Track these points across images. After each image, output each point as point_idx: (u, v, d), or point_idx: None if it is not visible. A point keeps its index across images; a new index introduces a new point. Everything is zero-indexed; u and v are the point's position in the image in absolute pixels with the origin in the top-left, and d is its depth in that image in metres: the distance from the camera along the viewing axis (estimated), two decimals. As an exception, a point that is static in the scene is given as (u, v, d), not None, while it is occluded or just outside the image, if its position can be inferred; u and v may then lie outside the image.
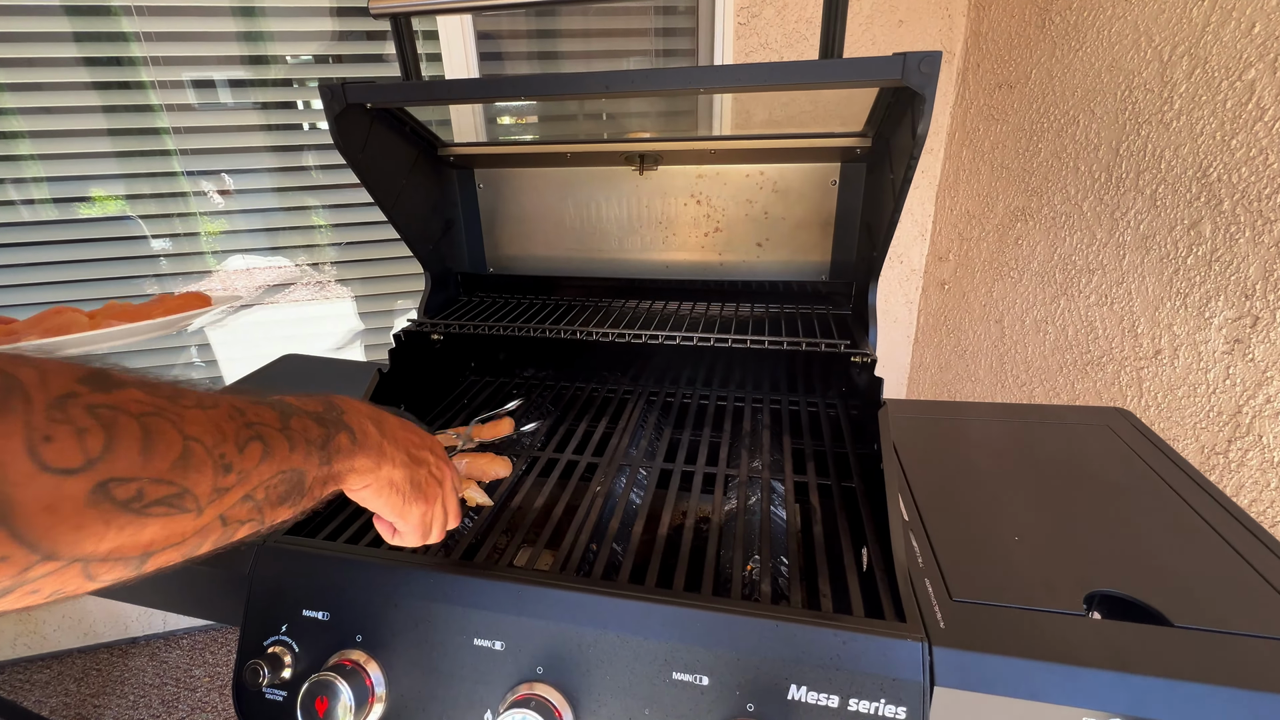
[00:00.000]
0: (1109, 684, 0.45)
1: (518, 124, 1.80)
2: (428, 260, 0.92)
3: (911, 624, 0.50)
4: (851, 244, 0.88)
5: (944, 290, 1.78)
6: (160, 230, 1.67)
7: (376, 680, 0.57)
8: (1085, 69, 1.23)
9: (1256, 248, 0.93)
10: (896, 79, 0.55)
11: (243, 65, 1.55)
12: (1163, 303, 1.10)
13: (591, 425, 0.89)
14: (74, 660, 1.85)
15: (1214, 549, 0.58)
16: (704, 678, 0.51)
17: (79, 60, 1.47)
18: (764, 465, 0.77)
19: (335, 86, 0.68)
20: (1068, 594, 0.53)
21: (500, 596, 0.56)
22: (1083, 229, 1.27)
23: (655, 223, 0.94)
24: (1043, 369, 1.41)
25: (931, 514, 0.64)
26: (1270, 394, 0.92)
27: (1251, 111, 0.93)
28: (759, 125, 1.52)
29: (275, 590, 0.61)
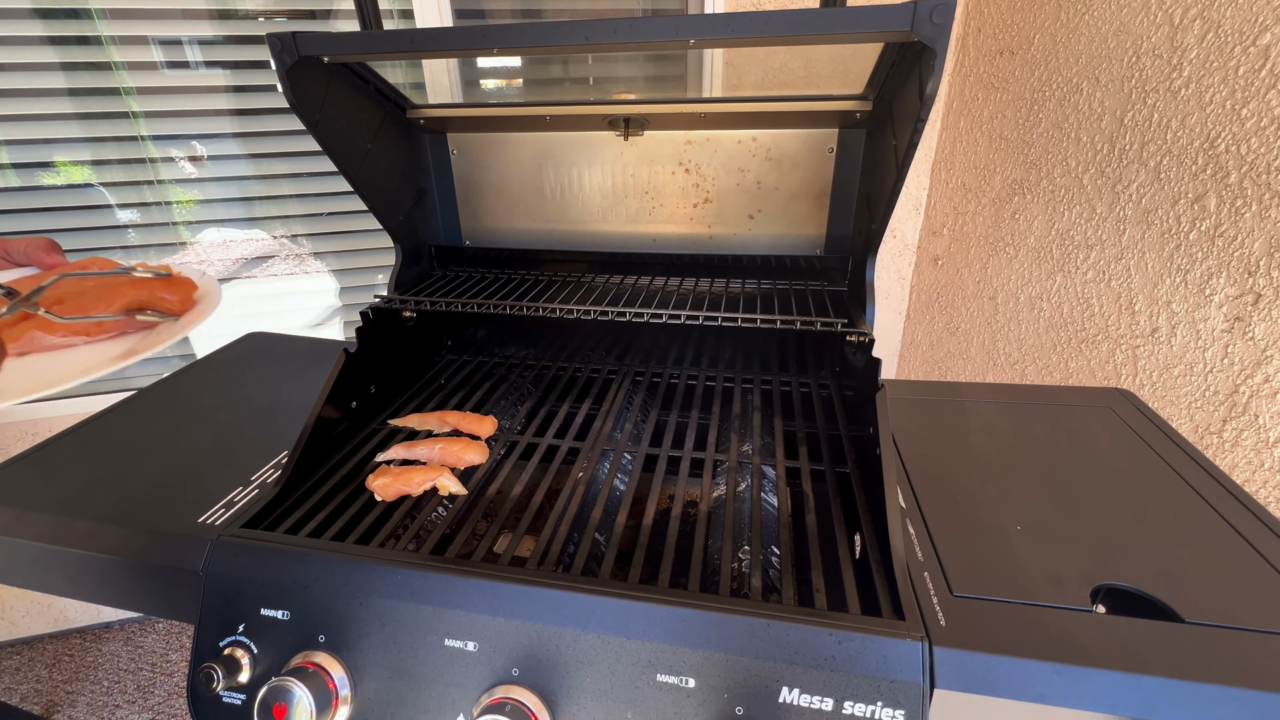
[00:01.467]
0: (1120, 686, 0.42)
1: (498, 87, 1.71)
2: (398, 232, 0.86)
3: (910, 622, 0.47)
4: (849, 216, 0.84)
5: (937, 266, 1.75)
6: (128, 199, 1.58)
7: (340, 683, 0.53)
8: (1091, 33, 1.18)
9: (1263, 223, 0.90)
10: (905, 30, 0.50)
11: (210, 21, 1.44)
12: (1162, 279, 1.07)
13: (574, 407, 0.85)
14: (45, 646, 1.80)
15: (1224, 538, 0.55)
16: (690, 680, 0.48)
17: (31, 12, 1.36)
18: (754, 449, 0.73)
19: (285, 37, 0.61)
20: (1074, 588, 0.50)
21: (473, 594, 0.52)
22: (1082, 203, 1.23)
23: (641, 192, 0.89)
24: (1036, 347, 1.38)
25: (929, 502, 0.61)
26: (1269, 373, 0.90)
27: (1265, 79, 0.89)
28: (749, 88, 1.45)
29: (232, 588, 0.57)
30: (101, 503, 0.66)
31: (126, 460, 0.74)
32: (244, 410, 0.85)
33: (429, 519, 0.65)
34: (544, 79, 1.70)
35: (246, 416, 0.83)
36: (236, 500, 0.65)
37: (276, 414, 0.83)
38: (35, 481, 0.70)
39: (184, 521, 0.62)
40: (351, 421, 0.79)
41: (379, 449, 0.75)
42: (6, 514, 0.65)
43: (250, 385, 0.92)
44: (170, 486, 0.69)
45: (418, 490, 0.67)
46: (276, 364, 0.98)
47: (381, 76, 0.76)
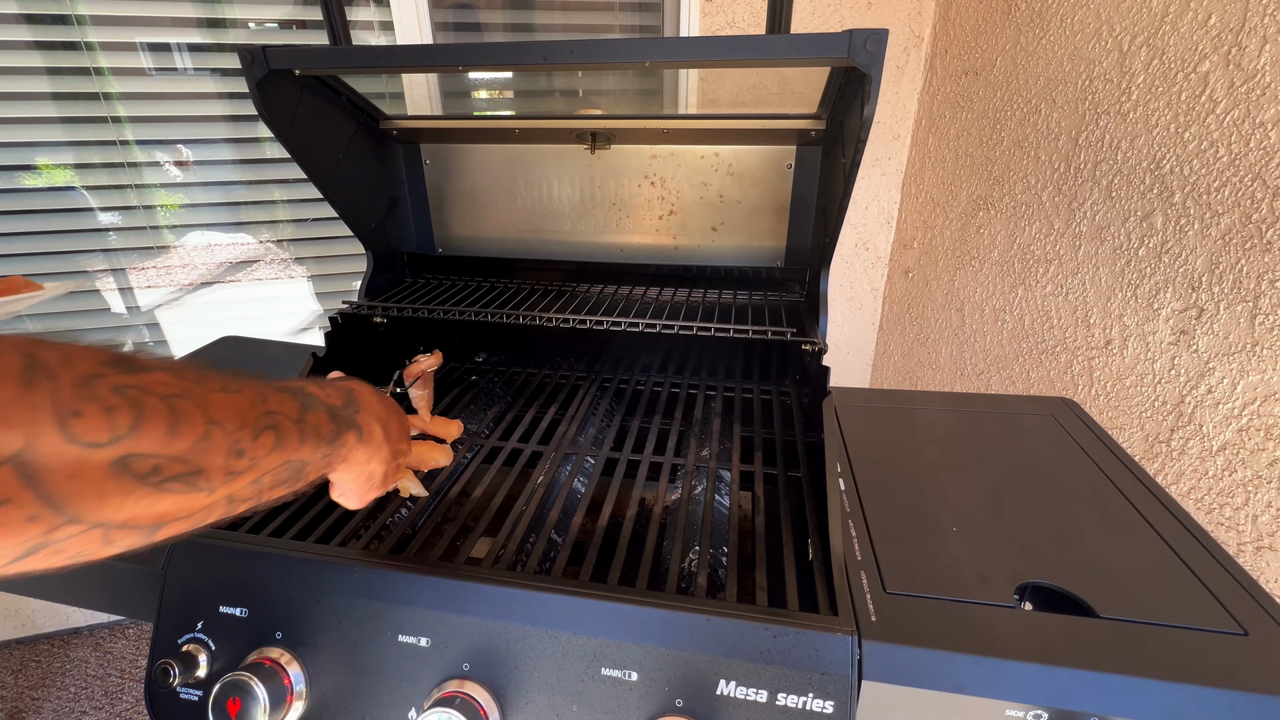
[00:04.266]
0: (1032, 676, 0.45)
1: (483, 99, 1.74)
2: (369, 239, 0.88)
3: (843, 617, 0.49)
4: (807, 230, 0.87)
5: (908, 278, 1.79)
6: (112, 203, 1.58)
7: (295, 679, 0.54)
8: (1048, 57, 1.23)
9: (1204, 240, 0.94)
10: (843, 57, 0.53)
11: (198, 29, 1.46)
12: (1115, 293, 1.11)
13: (541, 412, 0.87)
14: (11, 651, 1.78)
15: (1145, 541, 0.58)
16: (633, 673, 0.50)
17: (19, 16, 1.37)
18: (712, 454, 0.76)
19: (255, 50, 0.63)
20: (1000, 586, 0.53)
21: (426, 591, 0.54)
22: (1042, 219, 1.27)
23: (609, 204, 0.91)
24: (1000, 357, 1.42)
25: (873, 505, 0.64)
26: (1211, 384, 0.94)
27: (1204, 104, 0.93)
28: (725, 104, 1.49)
29: (191, 586, 0.58)
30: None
31: (93, 461, 0.74)
32: (213, 413, 0.86)
33: (390, 520, 0.67)
34: (530, 90, 1.73)
35: (216, 419, 0.84)
36: (200, 500, 0.67)
37: (246, 417, 0.84)
38: None
39: (146, 521, 0.63)
40: (319, 424, 0.81)
41: (345, 451, 0.77)
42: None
43: (221, 388, 0.92)
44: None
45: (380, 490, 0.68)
46: (248, 367, 0.98)
47: (353, 89, 0.78)
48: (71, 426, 0.28)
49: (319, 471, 0.45)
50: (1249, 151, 0.87)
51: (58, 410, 0.28)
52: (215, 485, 0.35)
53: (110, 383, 0.30)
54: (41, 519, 0.28)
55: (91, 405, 0.29)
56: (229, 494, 0.37)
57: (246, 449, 0.36)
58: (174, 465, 0.32)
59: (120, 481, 0.30)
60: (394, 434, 0.55)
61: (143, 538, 0.33)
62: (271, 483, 0.40)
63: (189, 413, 0.33)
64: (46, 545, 0.29)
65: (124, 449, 0.30)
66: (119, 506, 0.30)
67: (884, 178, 1.76)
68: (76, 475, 0.28)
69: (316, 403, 0.44)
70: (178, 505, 0.34)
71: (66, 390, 0.28)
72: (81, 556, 0.31)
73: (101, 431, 0.29)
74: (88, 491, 0.29)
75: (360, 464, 0.51)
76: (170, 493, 0.33)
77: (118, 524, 0.31)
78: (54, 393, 0.28)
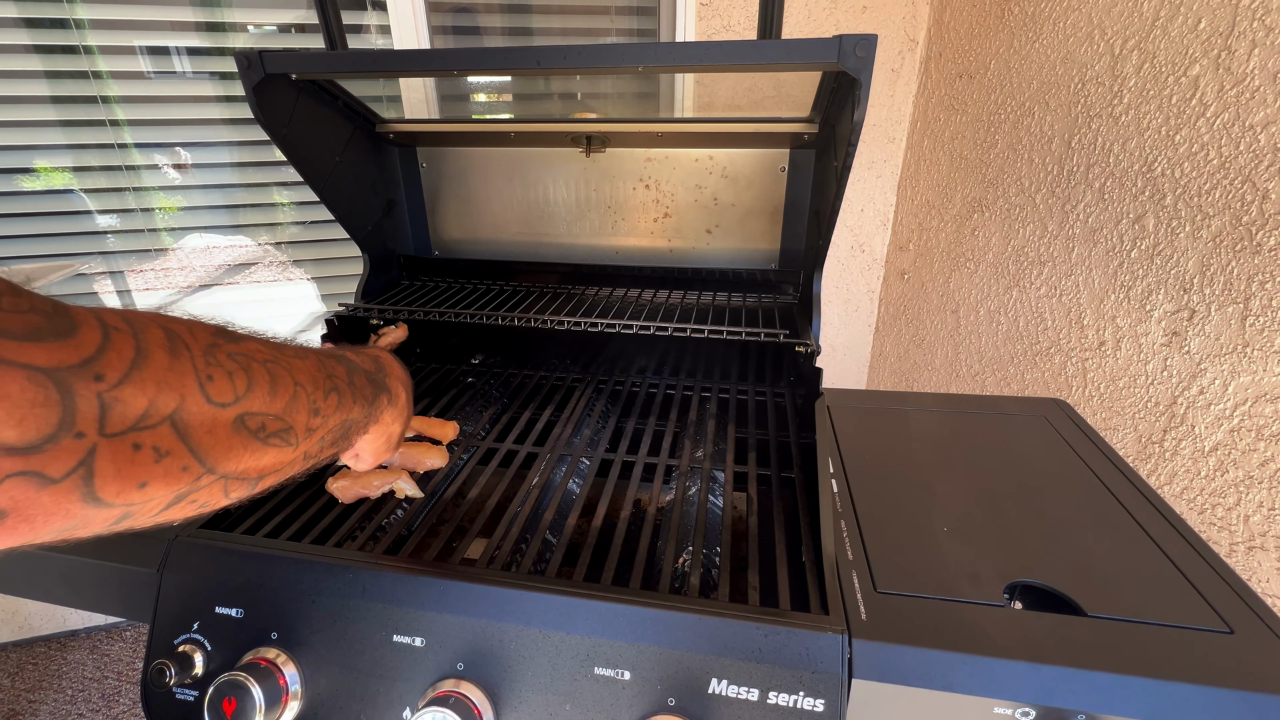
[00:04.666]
0: (1019, 674, 0.45)
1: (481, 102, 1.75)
2: (366, 242, 0.89)
3: (834, 617, 0.49)
4: (801, 232, 0.87)
5: (904, 280, 1.80)
6: (110, 205, 1.59)
7: (291, 679, 0.54)
8: (1041, 61, 1.24)
9: (1195, 242, 0.95)
10: (833, 62, 0.54)
11: (197, 32, 1.46)
12: (1108, 295, 1.12)
13: (537, 413, 0.87)
14: (8, 654, 1.78)
15: (1134, 540, 0.59)
16: (626, 672, 0.50)
17: (18, 21, 1.38)
18: (706, 455, 0.76)
19: (252, 55, 0.64)
20: (989, 585, 0.54)
21: (421, 592, 0.54)
22: (1035, 221, 1.28)
23: (604, 207, 0.92)
24: (995, 359, 1.43)
25: (865, 505, 0.64)
26: (1203, 385, 0.95)
27: (1195, 107, 0.94)
28: (721, 107, 1.50)
29: (187, 586, 0.58)
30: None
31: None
32: (210, 415, 0.86)
33: (386, 521, 0.67)
34: (528, 93, 1.74)
35: (212, 421, 0.85)
36: (197, 502, 0.67)
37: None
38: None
39: (143, 522, 0.63)
40: (316, 426, 0.81)
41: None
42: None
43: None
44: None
45: (376, 493, 0.69)
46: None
47: (350, 93, 0.79)
48: (207, 388, 0.32)
49: (359, 432, 0.49)
50: (1239, 154, 0.87)
51: (197, 375, 0.32)
52: (299, 441, 0.40)
53: (225, 350, 0.35)
54: (191, 470, 0.32)
55: (218, 370, 0.33)
56: (305, 450, 0.41)
57: (320, 408, 0.41)
58: (275, 423, 0.37)
59: (240, 437, 0.35)
60: (409, 398, 0.60)
61: (248, 489, 0.38)
62: (331, 440, 0.44)
63: (282, 376, 0.38)
64: (187, 495, 0.33)
65: (241, 408, 0.34)
66: (239, 459, 0.35)
67: (879, 180, 1.77)
68: (211, 431, 0.33)
69: (357, 368, 0.48)
70: (276, 459, 0.38)
71: (199, 358, 0.33)
72: (206, 507, 0.35)
73: (227, 393, 0.34)
74: (219, 446, 0.33)
75: (385, 425, 0.55)
76: (272, 447, 0.37)
77: (236, 475, 0.35)
78: (192, 360, 0.32)
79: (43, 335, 0.26)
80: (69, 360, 0.26)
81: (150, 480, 0.30)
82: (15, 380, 0.24)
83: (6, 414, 0.24)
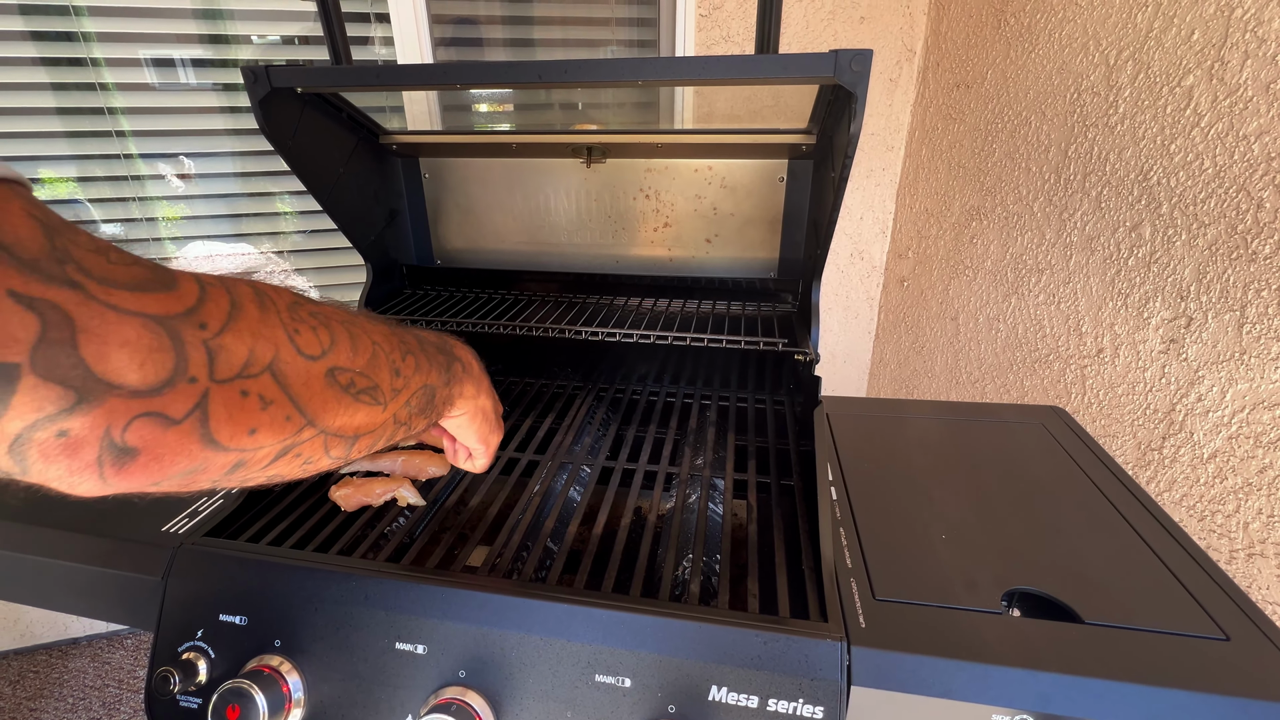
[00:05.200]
0: (1018, 681, 0.46)
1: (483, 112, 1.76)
2: (369, 252, 0.90)
3: (833, 624, 0.50)
4: (799, 241, 0.88)
5: (903, 287, 1.81)
6: (114, 214, 1.60)
7: (294, 686, 0.55)
8: (1037, 71, 1.25)
9: (1191, 250, 0.95)
10: (829, 76, 0.55)
11: (202, 44, 1.48)
12: (1105, 303, 1.12)
13: (537, 421, 0.88)
14: (10, 662, 1.78)
15: (1131, 547, 0.59)
16: (626, 679, 0.51)
17: (26, 34, 1.40)
18: (706, 463, 0.77)
19: (259, 69, 0.65)
20: (987, 592, 0.54)
21: (423, 599, 0.55)
22: (1033, 229, 1.29)
23: (605, 217, 0.93)
24: (994, 366, 1.43)
25: (864, 512, 0.65)
26: (1201, 392, 0.95)
27: (1189, 117, 0.95)
28: (721, 117, 1.51)
29: (192, 594, 0.59)
30: (67, 512, 0.67)
31: (95, 471, 0.75)
32: (214, 423, 0.87)
33: (388, 529, 0.68)
34: (530, 103, 1.75)
35: (216, 429, 0.85)
36: (201, 510, 0.68)
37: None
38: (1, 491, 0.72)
39: (148, 530, 0.64)
40: (319, 434, 0.82)
41: (344, 461, 0.78)
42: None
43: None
44: (136, 496, 0.70)
45: (378, 501, 0.69)
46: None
47: (354, 105, 0.80)
48: (297, 340, 0.33)
49: (444, 403, 0.49)
50: (1233, 164, 0.88)
51: (285, 328, 0.33)
52: (387, 401, 0.40)
53: (307, 309, 0.35)
54: (294, 420, 0.33)
55: (303, 325, 0.34)
56: (394, 413, 0.41)
57: (400, 368, 0.41)
58: (361, 379, 0.37)
59: (333, 390, 0.35)
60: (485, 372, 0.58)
61: (346, 447, 0.38)
62: (419, 406, 0.44)
63: (359, 336, 0.38)
64: (292, 447, 0.34)
65: (330, 362, 0.35)
66: (335, 413, 0.35)
67: (879, 188, 1.78)
68: (307, 384, 0.33)
69: (424, 338, 0.48)
70: (368, 417, 0.38)
71: (284, 313, 0.33)
72: (310, 464, 0.36)
73: (315, 346, 0.34)
74: (316, 398, 0.34)
75: (470, 399, 0.53)
76: (363, 404, 0.38)
77: (334, 430, 0.36)
78: (279, 314, 0.33)
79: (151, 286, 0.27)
80: (176, 309, 0.28)
81: (259, 427, 0.31)
82: (133, 327, 0.26)
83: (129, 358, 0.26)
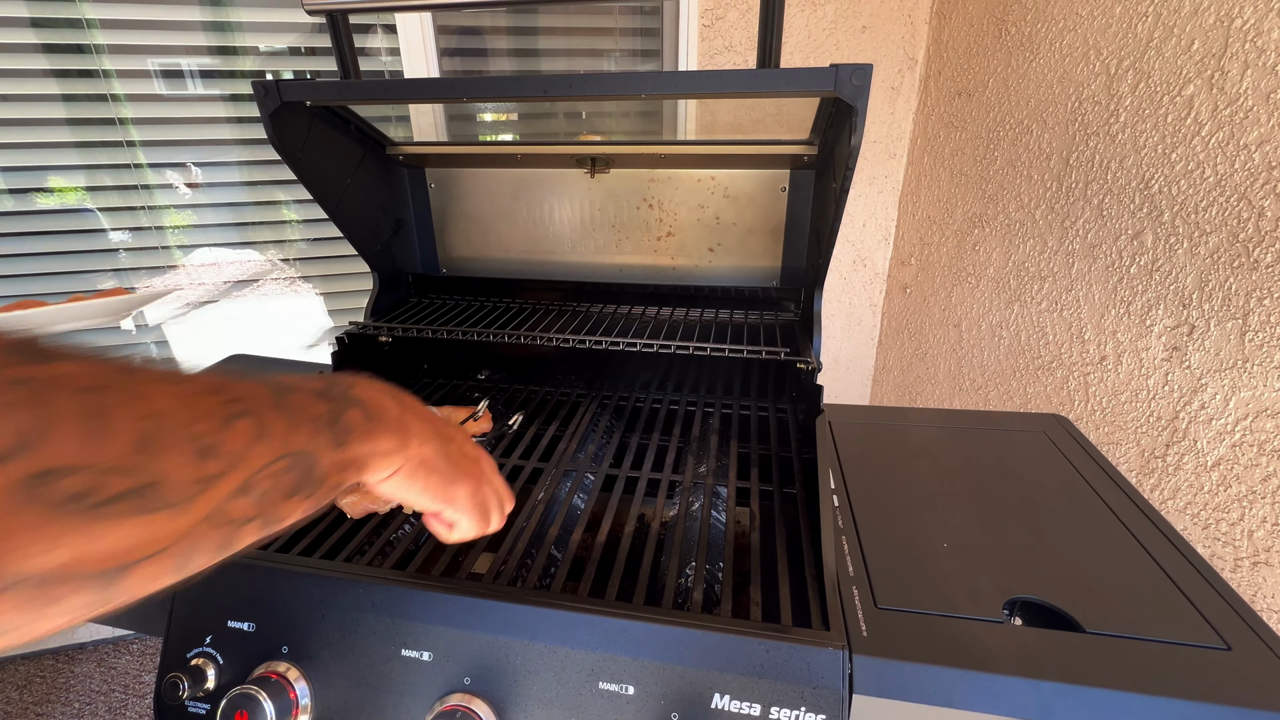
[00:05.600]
0: (1019, 690, 0.46)
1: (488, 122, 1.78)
2: (375, 261, 0.91)
3: (834, 632, 0.50)
4: (802, 250, 0.89)
5: (906, 294, 1.81)
6: (123, 222, 1.63)
7: (301, 692, 0.55)
8: (1038, 80, 1.26)
9: (1193, 259, 0.96)
10: (829, 90, 0.56)
11: (210, 55, 1.51)
12: (1108, 310, 1.13)
13: (542, 429, 0.88)
14: (16, 667, 1.79)
15: (1133, 556, 0.59)
16: (630, 687, 0.51)
17: (37, 46, 1.42)
18: (709, 470, 0.77)
19: (269, 84, 0.66)
20: (989, 601, 0.54)
21: (429, 607, 0.55)
22: (1035, 236, 1.29)
23: (608, 226, 0.94)
24: (997, 373, 1.44)
25: (866, 521, 0.65)
26: (1204, 400, 0.95)
27: (1190, 126, 0.96)
28: (724, 127, 1.52)
29: (200, 600, 0.60)
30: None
31: (105, 478, 0.76)
32: (222, 430, 0.88)
33: (394, 535, 0.69)
34: (534, 113, 1.77)
35: (224, 436, 0.86)
36: (209, 517, 0.68)
37: (254, 434, 0.86)
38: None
39: (157, 537, 0.64)
40: (326, 442, 0.83)
41: (351, 468, 0.78)
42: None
43: (230, 406, 0.95)
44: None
45: (384, 508, 0.70)
46: (256, 386, 1.01)
47: (361, 117, 0.81)
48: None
49: (341, 471, 0.36)
50: (1234, 172, 0.89)
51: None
52: (185, 499, 0.26)
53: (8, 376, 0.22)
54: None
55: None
56: (213, 509, 0.27)
57: (216, 444, 0.27)
58: (114, 479, 0.23)
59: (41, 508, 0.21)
60: (417, 408, 0.44)
61: (99, 590, 0.24)
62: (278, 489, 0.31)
63: (116, 409, 0.24)
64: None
65: (37, 462, 0.21)
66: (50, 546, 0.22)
67: (881, 195, 1.79)
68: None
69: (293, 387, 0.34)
70: (138, 535, 0.24)
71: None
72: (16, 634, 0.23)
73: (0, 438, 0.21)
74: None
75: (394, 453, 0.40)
76: (118, 518, 0.23)
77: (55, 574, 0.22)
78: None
79: None
80: None
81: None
82: None
83: None
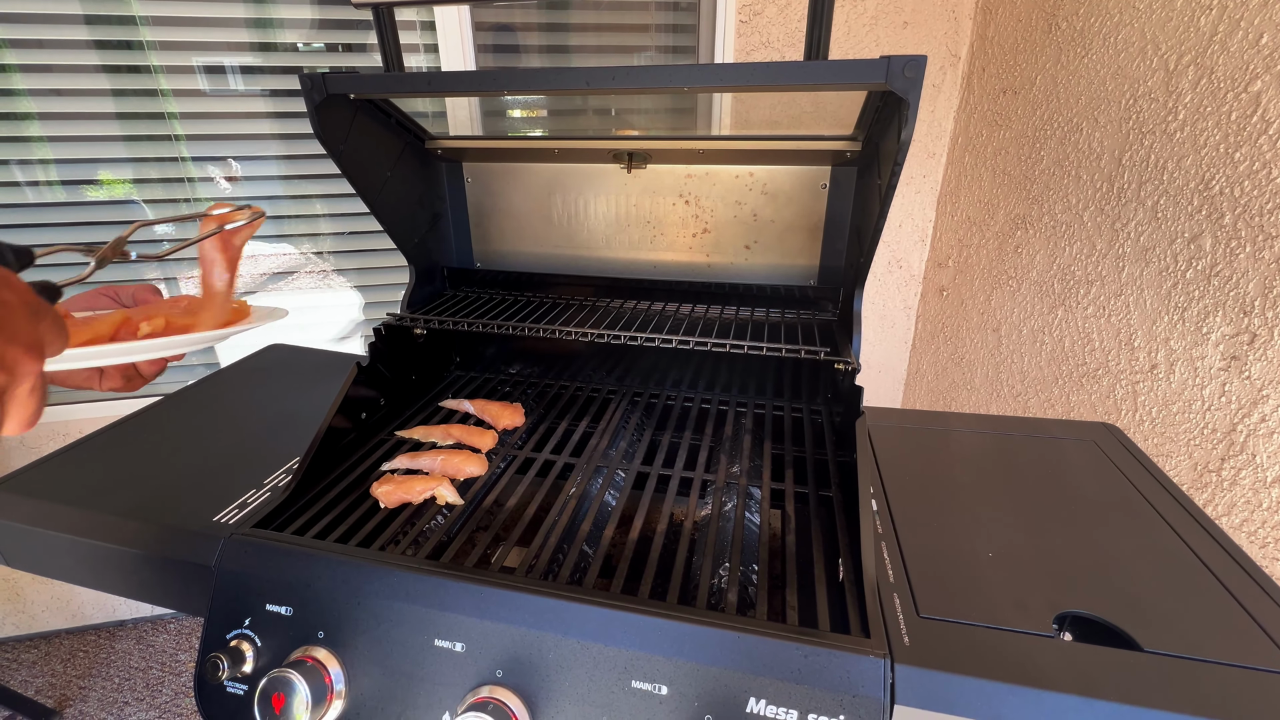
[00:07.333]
0: (1073, 709, 0.44)
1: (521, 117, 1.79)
2: (412, 254, 0.92)
3: (875, 640, 0.49)
4: (841, 249, 0.87)
5: (942, 297, 1.77)
6: (165, 214, 1.68)
7: (336, 677, 0.56)
8: (1090, 76, 1.21)
9: (1257, 264, 0.91)
10: (880, 83, 0.54)
11: (251, 52, 1.54)
12: (1160, 316, 1.08)
13: (573, 424, 0.88)
14: (61, 641, 1.86)
15: (1192, 573, 0.56)
16: (663, 687, 0.50)
17: (89, 43, 1.47)
18: (742, 471, 0.76)
19: (316, 76, 0.67)
20: (1038, 614, 0.52)
21: (463, 598, 0.55)
22: (1083, 239, 1.25)
23: (643, 222, 0.93)
24: (1038, 379, 1.39)
25: (906, 527, 0.63)
26: (1265, 412, 0.91)
27: (1256, 124, 0.91)
28: (759, 124, 1.50)
29: (240, 583, 0.61)
30: (125, 499, 0.70)
31: (150, 461, 0.79)
32: (262, 418, 0.90)
33: (427, 526, 0.69)
34: (565, 109, 1.77)
35: (264, 424, 0.88)
36: (250, 502, 0.70)
37: (292, 422, 0.88)
38: (65, 478, 0.75)
39: (200, 519, 0.66)
40: (361, 432, 0.84)
41: (385, 458, 0.79)
42: (37, 507, 0.70)
43: (268, 395, 0.97)
44: (189, 486, 0.73)
45: (418, 499, 0.70)
46: (295, 375, 1.03)
47: (402, 110, 0.82)
48: None
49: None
50: (1304, 173, 0.84)
51: None
52: None
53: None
54: None
55: None
56: None
57: None
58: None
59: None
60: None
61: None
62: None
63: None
64: None
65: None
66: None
67: (918, 195, 1.74)
68: None
69: None
70: None
71: None
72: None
73: None
74: None
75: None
76: None
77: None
78: None
79: None
80: None
81: None
82: None
83: None
